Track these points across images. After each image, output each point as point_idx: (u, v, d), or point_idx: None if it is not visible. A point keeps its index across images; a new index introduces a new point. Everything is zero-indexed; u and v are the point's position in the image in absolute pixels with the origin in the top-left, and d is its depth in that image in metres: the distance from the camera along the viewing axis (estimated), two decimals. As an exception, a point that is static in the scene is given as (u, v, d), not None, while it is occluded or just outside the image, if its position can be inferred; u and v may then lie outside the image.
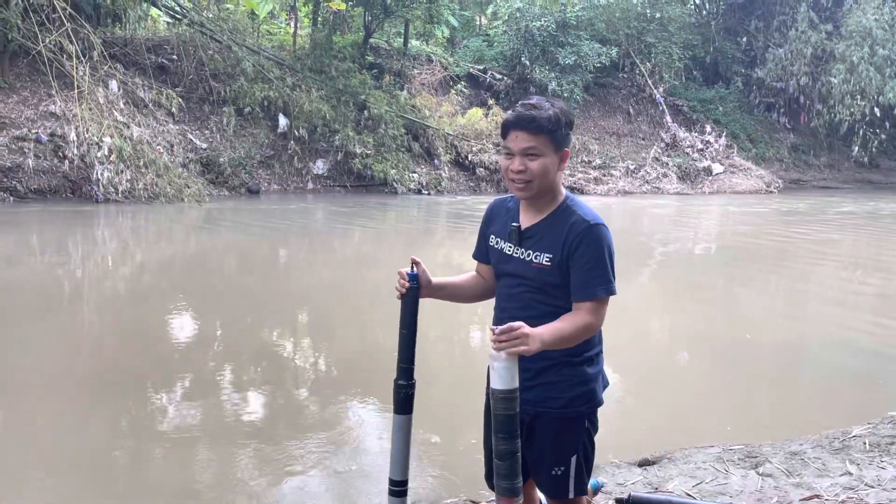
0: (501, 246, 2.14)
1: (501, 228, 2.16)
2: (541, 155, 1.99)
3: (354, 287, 8.21)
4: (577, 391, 2.07)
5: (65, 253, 9.54)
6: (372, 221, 13.94)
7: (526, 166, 2.00)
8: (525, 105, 2.03)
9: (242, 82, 17.11)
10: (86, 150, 12.95)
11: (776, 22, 27.19)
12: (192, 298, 7.23)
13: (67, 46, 13.63)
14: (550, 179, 2.03)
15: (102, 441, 3.86)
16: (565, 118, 2.02)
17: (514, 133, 2.02)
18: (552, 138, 2.00)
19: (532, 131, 1.98)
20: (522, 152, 2.00)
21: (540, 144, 1.99)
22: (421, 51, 23.02)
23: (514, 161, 2.02)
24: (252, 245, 10.65)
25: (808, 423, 4.16)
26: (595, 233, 2.00)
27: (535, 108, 2.00)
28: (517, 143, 2.01)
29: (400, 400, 2.08)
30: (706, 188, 22.75)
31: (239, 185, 16.25)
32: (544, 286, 2.04)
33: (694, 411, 4.62)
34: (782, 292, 8.86)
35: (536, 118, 1.98)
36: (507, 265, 2.12)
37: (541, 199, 2.07)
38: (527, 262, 2.06)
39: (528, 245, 2.07)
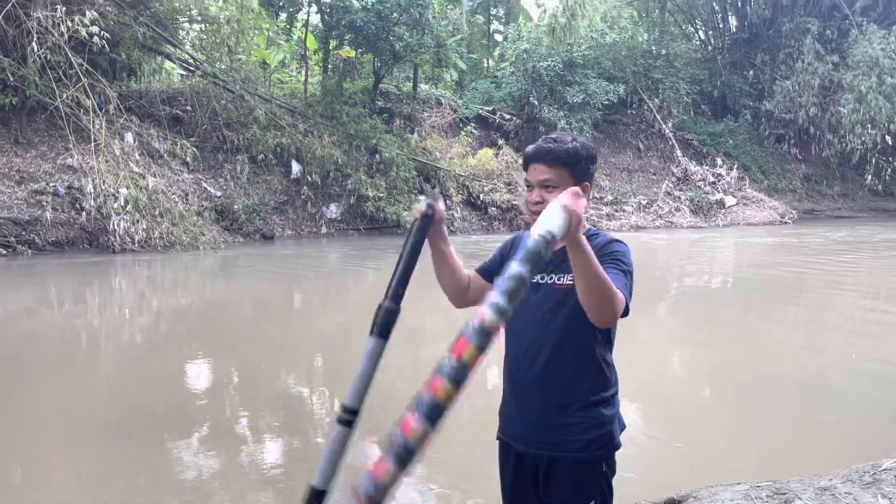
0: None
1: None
2: (558, 186, 1.99)
3: (369, 329, 8.18)
4: (593, 434, 2.00)
5: (82, 303, 9.60)
6: (385, 263, 13.97)
7: (543, 198, 2.00)
8: (546, 139, 2.06)
9: (255, 130, 17.39)
10: (102, 201, 13.14)
11: (782, 55, 27.38)
12: (208, 346, 7.23)
13: (84, 101, 13.94)
14: None
15: (122, 490, 3.82)
16: (585, 152, 2.02)
17: (534, 165, 2.04)
18: (571, 171, 2.01)
19: (549, 163, 2.01)
20: (540, 184, 2.02)
21: (557, 176, 2.00)
22: (430, 94, 23.35)
23: (533, 192, 2.04)
24: (267, 290, 10.68)
25: (837, 457, 4.06)
26: (617, 247, 2.01)
27: (555, 142, 2.03)
28: (535, 174, 2.03)
29: (381, 322, 1.98)
30: (720, 221, 22.68)
31: (253, 231, 16.39)
32: (562, 310, 1.99)
33: (719, 448, 4.52)
34: (802, 324, 8.74)
35: (554, 150, 2.01)
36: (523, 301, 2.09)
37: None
38: (547, 287, 2.04)
39: (550, 272, 2.05)
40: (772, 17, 28.57)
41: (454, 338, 1.35)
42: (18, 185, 13.67)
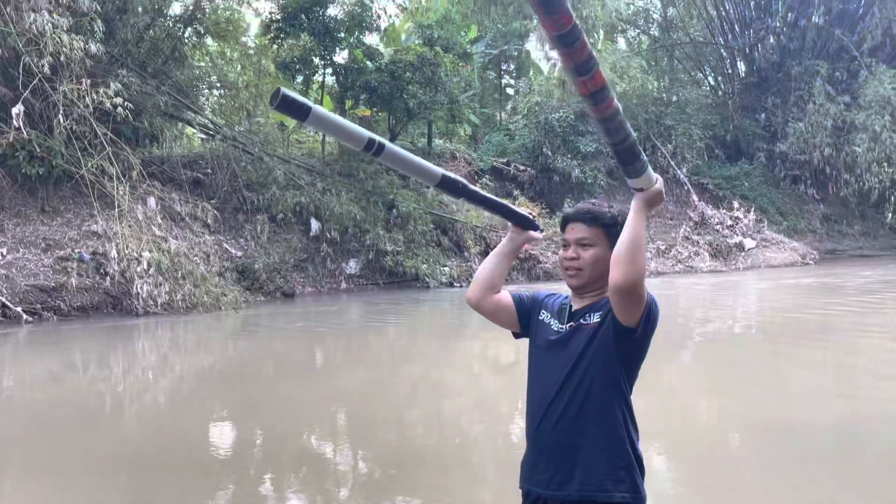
0: (550, 321, 2.22)
1: (552, 308, 2.26)
2: (594, 245, 2.14)
3: (392, 385, 8.16)
4: (619, 475, 2.04)
5: (107, 368, 9.69)
6: (406, 318, 13.99)
7: (578, 254, 2.15)
8: (585, 202, 2.24)
9: (274, 190, 17.69)
10: (126, 265, 13.35)
11: (793, 97, 27.56)
12: (231, 405, 7.25)
13: (108, 168, 14.30)
14: (602, 271, 2.11)
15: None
16: (622, 218, 2.14)
17: (572, 225, 2.20)
18: (607, 233, 2.14)
19: (588, 223, 2.16)
20: (577, 242, 2.17)
21: (593, 236, 2.15)
22: (445, 149, 23.70)
23: (569, 249, 2.18)
24: (289, 348, 10.72)
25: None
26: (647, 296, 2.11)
27: (593, 205, 2.21)
28: (573, 233, 2.18)
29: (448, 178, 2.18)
30: (740, 264, 22.51)
31: (274, 289, 16.52)
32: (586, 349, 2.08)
33: (750, 497, 4.43)
34: (831, 368, 8.59)
35: (592, 210, 2.17)
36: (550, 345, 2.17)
37: (589, 292, 2.17)
38: (574, 330, 2.13)
39: (577, 317, 2.15)
40: (780, 61, 28.86)
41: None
42: (45, 253, 13.95)
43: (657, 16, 32.82)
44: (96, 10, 13.91)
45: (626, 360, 2.07)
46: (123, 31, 16.41)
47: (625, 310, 1.99)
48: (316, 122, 1.85)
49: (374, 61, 20.18)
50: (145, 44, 17.88)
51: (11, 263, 13.35)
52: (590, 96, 1.66)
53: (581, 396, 2.05)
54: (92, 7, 13.62)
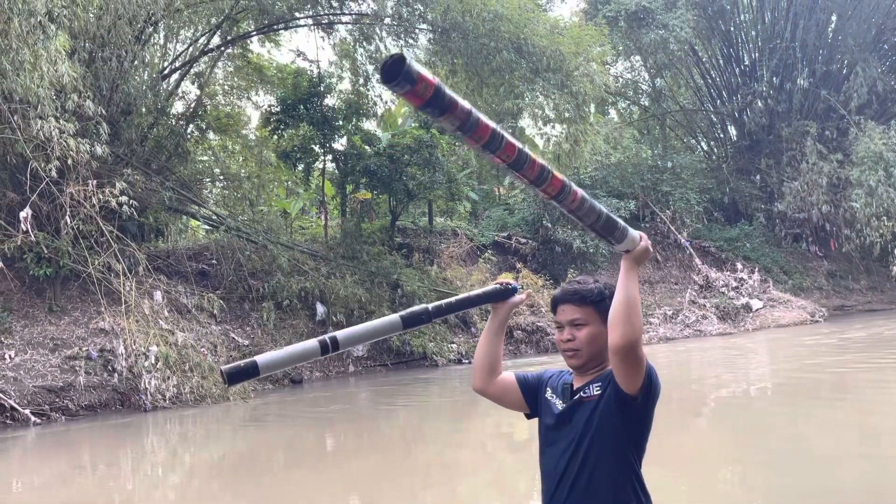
0: (554, 400, 2.23)
1: (556, 386, 2.27)
2: (586, 324, 2.16)
3: (405, 468, 8.01)
4: None
5: (116, 467, 9.53)
6: (415, 398, 13.82)
7: (573, 335, 2.17)
8: (570, 282, 2.28)
9: (279, 277, 17.80)
10: (133, 361, 13.31)
11: (786, 157, 27.99)
12: (243, 498, 7.10)
13: (115, 265, 14.44)
14: (599, 348, 2.15)
15: None
16: (608, 291, 2.18)
17: (562, 307, 2.22)
18: (597, 309, 2.17)
19: (577, 303, 2.18)
20: (570, 323, 2.19)
21: (585, 315, 2.17)
22: (446, 226, 23.97)
23: (564, 332, 2.19)
24: (299, 436, 10.56)
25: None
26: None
27: (579, 283, 2.23)
28: (564, 315, 2.20)
29: (410, 313, 2.26)
30: (749, 325, 22.35)
31: (282, 376, 16.39)
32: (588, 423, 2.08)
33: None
34: (852, 428, 8.42)
35: (579, 290, 2.19)
36: (556, 424, 2.18)
37: (589, 370, 2.19)
38: (576, 404, 2.13)
39: (578, 392, 2.16)
40: (769, 123, 29.47)
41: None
42: (52, 353, 13.94)
43: (646, 86, 33.74)
44: (101, 114, 14.35)
45: (631, 431, 2.07)
46: (128, 131, 16.89)
47: (626, 374, 2.01)
48: (267, 369, 2.02)
49: (373, 146, 20.67)
50: (149, 142, 18.37)
51: (19, 365, 13.32)
52: (554, 198, 1.87)
53: (588, 471, 2.05)
54: (97, 111, 14.06)
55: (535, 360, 17.92)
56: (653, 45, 26.52)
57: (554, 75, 18.12)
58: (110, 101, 16.01)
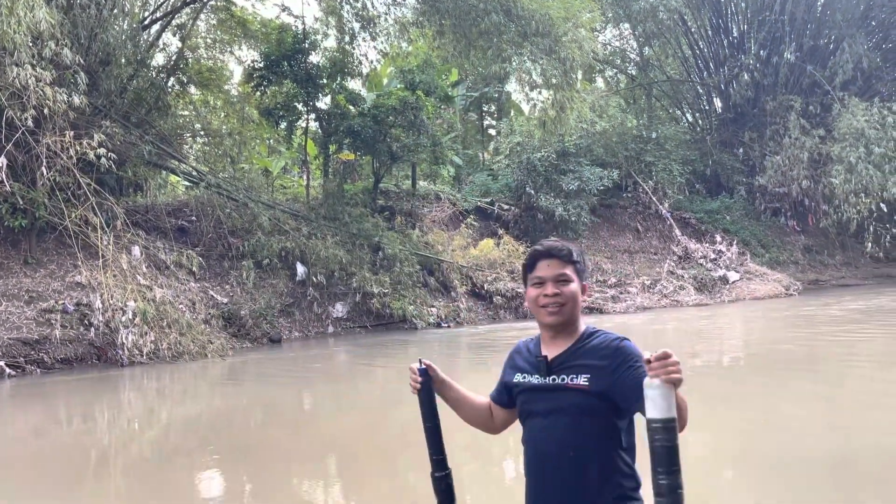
0: (529, 379, 2.16)
1: (526, 363, 2.21)
2: (571, 281, 2.16)
3: (382, 429, 8.09)
4: None
5: (91, 420, 9.53)
6: (394, 360, 13.90)
7: (560, 290, 2.14)
8: (550, 241, 2.25)
9: (260, 236, 17.68)
10: (111, 315, 13.23)
11: (769, 131, 28.12)
12: (219, 455, 7.13)
13: (92, 219, 14.25)
14: (578, 306, 2.16)
15: None
16: (583, 256, 2.23)
17: (546, 262, 2.18)
18: (576, 269, 2.18)
19: (563, 259, 2.17)
20: (556, 277, 2.16)
21: (570, 272, 2.17)
22: (429, 190, 23.87)
23: (547, 286, 2.15)
24: (277, 395, 10.60)
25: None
26: (627, 346, 2.08)
27: (560, 242, 2.22)
28: (549, 270, 2.17)
29: (442, 491, 2.16)
30: (725, 297, 22.65)
31: (261, 335, 16.39)
32: (580, 409, 2.04)
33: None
34: (821, 399, 8.61)
35: (565, 248, 2.19)
36: (537, 398, 2.13)
37: (566, 329, 2.16)
38: (561, 388, 2.08)
39: (559, 371, 2.10)
40: (755, 96, 29.51)
41: None
42: (28, 305, 13.80)
43: (634, 55, 33.57)
44: (79, 63, 14.01)
45: (623, 416, 2.06)
46: (106, 82, 16.52)
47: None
48: None
49: (357, 106, 20.42)
50: (128, 94, 18.00)
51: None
52: None
53: (578, 454, 2.03)
54: (75, 60, 13.73)
55: (514, 326, 18.06)
56: (642, 13, 26.32)
57: (542, 40, 17.94)
58: (88, 50, 15.63)
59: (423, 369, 2.30)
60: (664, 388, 1.73)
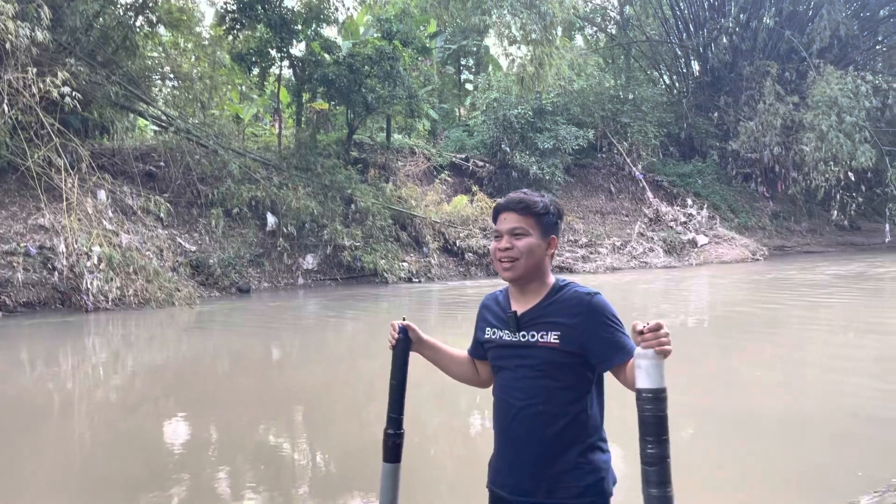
0: (499, 335, 2.14)
1: (496, 319, 2.18)
2: (526, 235, 2.09)
3: (349, 381, 8.13)
4: (588, 480, 2.02)
5: (55, 365, 9.42)
6: (364, 313, 13.93)
7: (512, 244, 2.09)
8: (516, 192, 2.17)
9: (230, 184, 17.41)
10: (75, 260, 13.00)
11: (744, 97, 28.22)
12: (185, 403, 7.12)
13: (56, 160, 13.89)
14: (536, 261, 2.09)
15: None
16: (553, 207, 2.14)
17: (504, 215, 2.13)
18: (539, 221, 2.10)
19: (520, 212, 2.10)
20: (510, 232, 2.10)
21: (527, 226, 2.09)
22: (404, 144, 23.64)
23: (502, 240, 2.11)
24: (244, 345, 10.58)
25: (816, 494, 4.09)
26: (599, 301, 2.05)
27: (525, 194, 2.14)
28: (505, 223, 2.12)
29: (389, 449, 2.19)
30: (693, 260, 22.99)
31: (229, 285, 16.28)
32: (550, 366, 2.03)
33: (697, 489, 4.53)
34: (778, 361, 8.83)
35: (524, 200, 2.11)
36: (508, 355, 2.12)
37: (530, 284, 2.12)
38: (531, 345, 2.06)
39: (529, 328, 2.07)
40: (732, 61, 29.51)
41: None
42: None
43: (614, 14, 33.26)
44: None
45: (594, 372, 2.06)
46: (72, 18, 15.91)
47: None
48: None
49: (332, 54, 20.00)
50: (95, 32, 17.39)
51: (-47, 258, 12.89)
52: None
53: (547, 408, 2.02)
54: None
55: (485, 283, 18.16)
56: (625, -30, 25.94)
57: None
58: (53, -17, 15.01)
59: (403, 327, 2.28)
60: (656, 358, 1.75)
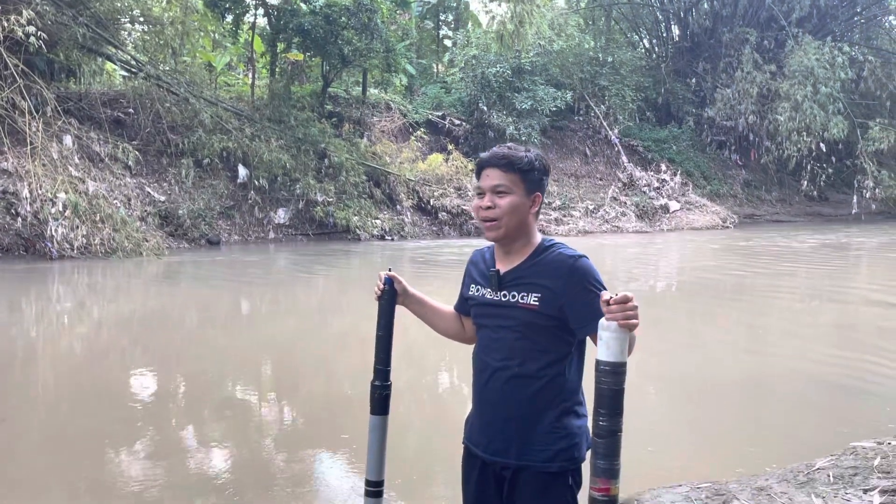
0: (482, 293, 2.11)
1: (480, 277, 2.14)
2: (510, 193, 2.00)
3: (319, 336, 8.12)
4: (560, 445, 2.00)
5: (18, 312, 9.27)
6: (335, 269, 13.88)
7: (494, 203, 2.01)
8: (501, 147, 2.08)
9: (201, 134, 17.07)
10: (39, 206, 12.71)
11: (722, 63, 28.22)
12: (152, 354, 7.07)
13: (20, 103, 13.47)
14: (520, 219, 2.02)
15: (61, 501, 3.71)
16: (539, 163, 2.04)
17: (487, 171, 2.04)
18: (523, 178, 2.01)
19: (503, 169, 2.01)
20: (492, 189, 2.02)
21: (510, 182, 2.00)
22: (380, 99, 23.30)
23: (485, 198, 2.03)
24: (213, 297, 10.50)
25: (774, 457, 4.20)
26: (583, 265, 1.99)
27: (509, 149, 2.04)
28: (488, 180, 2.03)
29: (376, 401, 2.12)
30: (664, 225, 23.21)
31: (199, 236, 16.08)
32: (529, 328, 2.00)
33: (661, 451, 4.63)
34: (743, 326, 9.01)
35: (508, 156, 2.02)
36: (489, 313, 2.09)
37: (515, 243, 2.06)
38: (511, 306, 2.02)
39: (511, 288, 2.03)
40: (712, 26, 29.42)
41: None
42: (-51, 190, 13.12)
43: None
44: (6, -70, 12.91)
45: (574, 336, 2.02)
46: (37, -46, 15.27)
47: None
48: None
49: (309, 3, 19.48)
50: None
51: (-88, 200, 12.53)
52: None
53: (524, 368, 2.00)
54: (1, -74, 12.63)
55: (457, 242, 18.17)
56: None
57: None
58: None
59: (389, 279, 2.20)
60: (620, 332, 1.70)
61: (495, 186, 2.01)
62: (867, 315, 9.64)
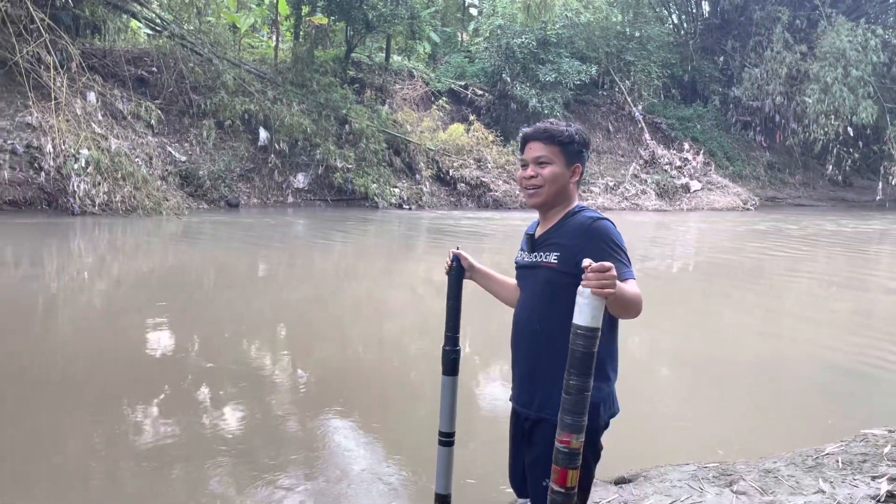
0: (522, 256, 2.30)
1: (524, 242, 2.32)
2: (551, 163, 2.19)
3: (334, 301, 8.19)
4: None
5: (39, 266, 9.41)
6: (352, 236, 13.93)
7: (537, 172, 2.20)
8: (544, 121, 2.26)
9: (223, 95, 17.07)
10: (62, 161, 12.83)
11: (752, 42, 27.67)
12: (170, 313, 7.16)
13: (45, 57, 13.52)
14: (560, 188, 2.20)
15: (77, 453, 3.80)
16: (579, 137, 2.22)
17: (531, 144, 2.23)
18: (564, 150, 2.19)
19: (545, 141, 2.20)
20: (535, 160, 2.21)
21: (551, 154, 2.19)
22: (402, 66, 23.13)
23: (528, 169, 2.22)
24: (231, 259, 10.59)
25: (783, 440, 4.21)
26: (601, 226, 2.11)
27: (551, 124, 2.23)
28: (531, 152, 2.22)
29: (447, 363, 2.37)
30: (684, 205, 23.01)
31: (218, 198, 16.17)
32: (549, 286, 2.14)
33: (670, 429, 4.65)
34: (759, 309, 8.96)
35: (549, 129, 2.21)
36: (523, 275, 2.28)
37: (552, 209, 2.23)
38: (537, 265, 2.19)
39: (539, 249, 2.21)
40: (743, 4, 28.79)
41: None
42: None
43: (628, -55, 32.10)
44: None
45: None
46: None
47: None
48: None
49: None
50: (89, -76, 16.65)
51: (-62, 151, 12.68)
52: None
53: (548, 327, 2.12)
54: None
55: (475, 214, 18.13)
56: None
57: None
58: None
59: (456, 256, 2.44)
60: (593, 298, 1.76)
61: (537, 158, 2.20)
62: (885, 303, 9.55)
